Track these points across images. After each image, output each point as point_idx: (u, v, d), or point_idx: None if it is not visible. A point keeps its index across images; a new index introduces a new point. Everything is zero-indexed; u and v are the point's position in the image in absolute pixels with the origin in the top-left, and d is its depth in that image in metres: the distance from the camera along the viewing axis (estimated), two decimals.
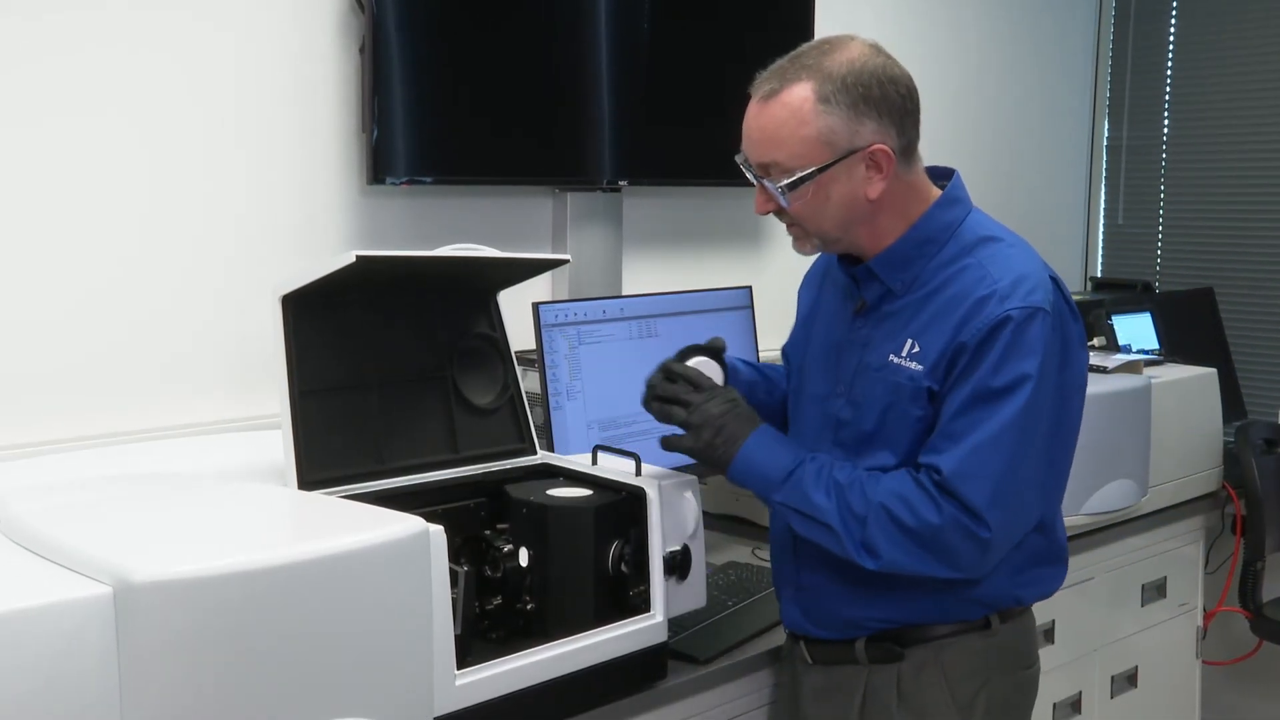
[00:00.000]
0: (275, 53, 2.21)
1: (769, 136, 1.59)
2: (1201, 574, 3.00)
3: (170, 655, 1.20)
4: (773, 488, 1.63)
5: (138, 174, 2.07)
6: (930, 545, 1.57)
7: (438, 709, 1.41)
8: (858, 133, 1.58)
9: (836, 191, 1.60)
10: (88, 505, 1.46)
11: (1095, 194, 4.14)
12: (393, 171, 2.28)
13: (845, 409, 1.69)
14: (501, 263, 1.76)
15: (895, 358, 1.64)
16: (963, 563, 1.59)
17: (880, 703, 1.70)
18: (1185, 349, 3.23)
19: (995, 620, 1.71)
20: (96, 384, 2.05)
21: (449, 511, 1.65)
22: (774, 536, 1.82)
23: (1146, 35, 4.01)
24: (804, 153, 1.58)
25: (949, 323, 1.60)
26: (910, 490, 1.58)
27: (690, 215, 2.93)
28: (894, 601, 1.67)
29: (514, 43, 2.43)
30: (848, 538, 1.59)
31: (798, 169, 1.58)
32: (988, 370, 1.57)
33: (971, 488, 1.55)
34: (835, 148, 1.58)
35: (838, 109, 1.57)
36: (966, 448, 1.56)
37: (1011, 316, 1.57)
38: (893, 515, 1.57)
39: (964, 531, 1.56)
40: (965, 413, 1.57)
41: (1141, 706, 2.84)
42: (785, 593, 1.79)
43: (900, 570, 1.59)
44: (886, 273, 1.66)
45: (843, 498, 1.59)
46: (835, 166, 1.58)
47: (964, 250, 1.65)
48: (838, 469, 1.62)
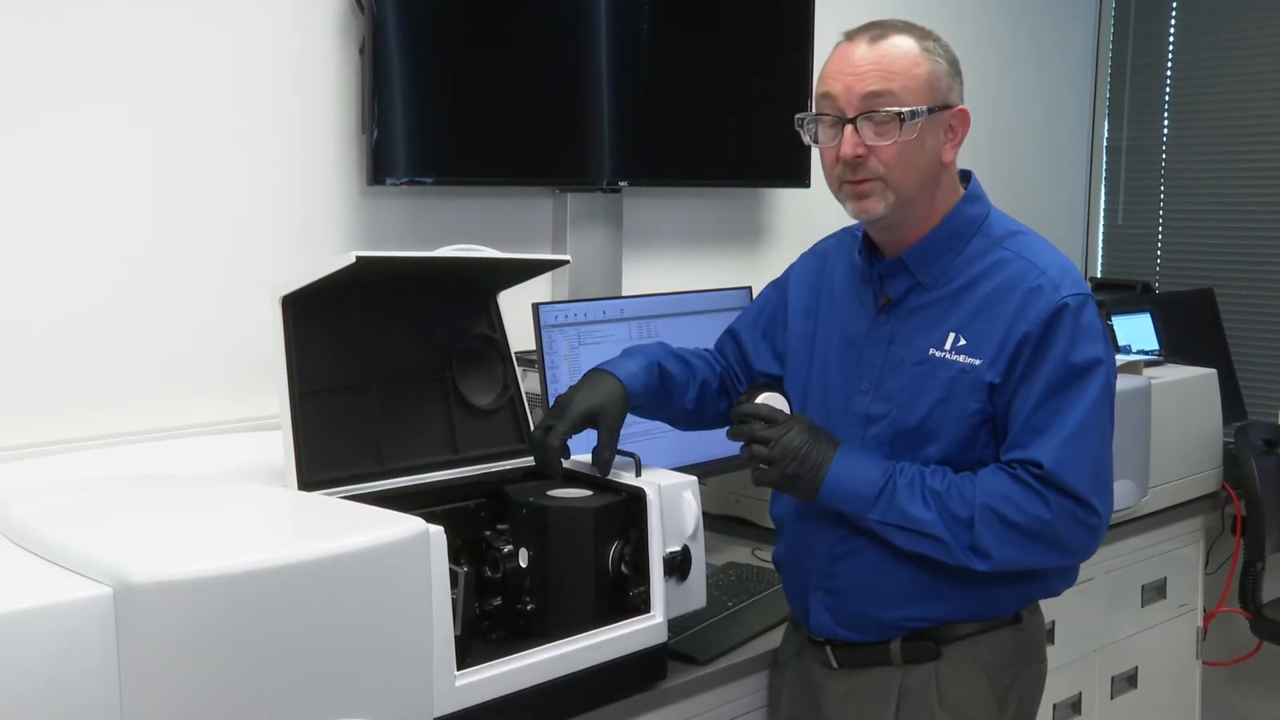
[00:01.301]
0: (275, 53, 2.21)
1: (884, 68, 1.60)
2: (1201, 574, 3.00)
3: (170, 656, 1.20)
4: (867, 507, 1.63)
5: (138, 175, 2.07)
6: (1042, 538, 1.60)
7: (437, 710, 1.41)
8: (953, 89, 1.65)
9: (929, 143, 1.63)
10: (88, 506, 1.46)
11: (1095, 194, 4.14)
12: (393, 172, 2.28)
13: (876, 404, 1.69)
14: (501, 263, 1.76)
15: (937, 351, 1.65)
16: (1076, 549, 1.64)
17: (919, 702, 1.70)
18: (1185, 350, 3.23)
19: (1025, 614, 1.73)
20: (96, 384, 2.05)
21: (449, 512, 1.65)
22: (796, 542, 1.79)
23: (1146, 35, 4.01)
24: (916, 89, 1.61)
25: (1001, 314, 1.63)
26: (1012, 488, 1.60)
27: (690, 216, 2.93)
28: (938, 600, 1.68)
29: (514, 43, 2.43)
30: (956, 544, 1.60)
31: (911, 104, 1.60)
32: (1059, 358, 1.60)
33: (1074, 476, 1.58)
34: (938, 96, 1.63)
35: (940, 61, 1.63)
36: (1060, 438, 1.59)
37: (1069, 304, 1.61)
38: (1000, 515, 1.59)
39: (1074, 520, 1.60)
40: (1045, 403, 1.60)
41: (1142, 707, 2.84)
42: (814, 599, 1.76)
43: (1013, 567, 1.63)
44: (918, 265, 1.68)
45: (943, 506, 1.60)
46: (936, 115, 1.62)
47: (993, 244, 1.68)
48: (930, 476, 1.63)
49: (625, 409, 1.72)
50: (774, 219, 3.09)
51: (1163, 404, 2.68)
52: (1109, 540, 2.62)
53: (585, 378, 1.75)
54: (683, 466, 1.86)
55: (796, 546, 1.79)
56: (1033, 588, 1.72)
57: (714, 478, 2.42)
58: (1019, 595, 1.71)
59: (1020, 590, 1.70)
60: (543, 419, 1.73)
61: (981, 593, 1.67)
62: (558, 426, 1.68)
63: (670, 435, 1.99)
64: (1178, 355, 3.09)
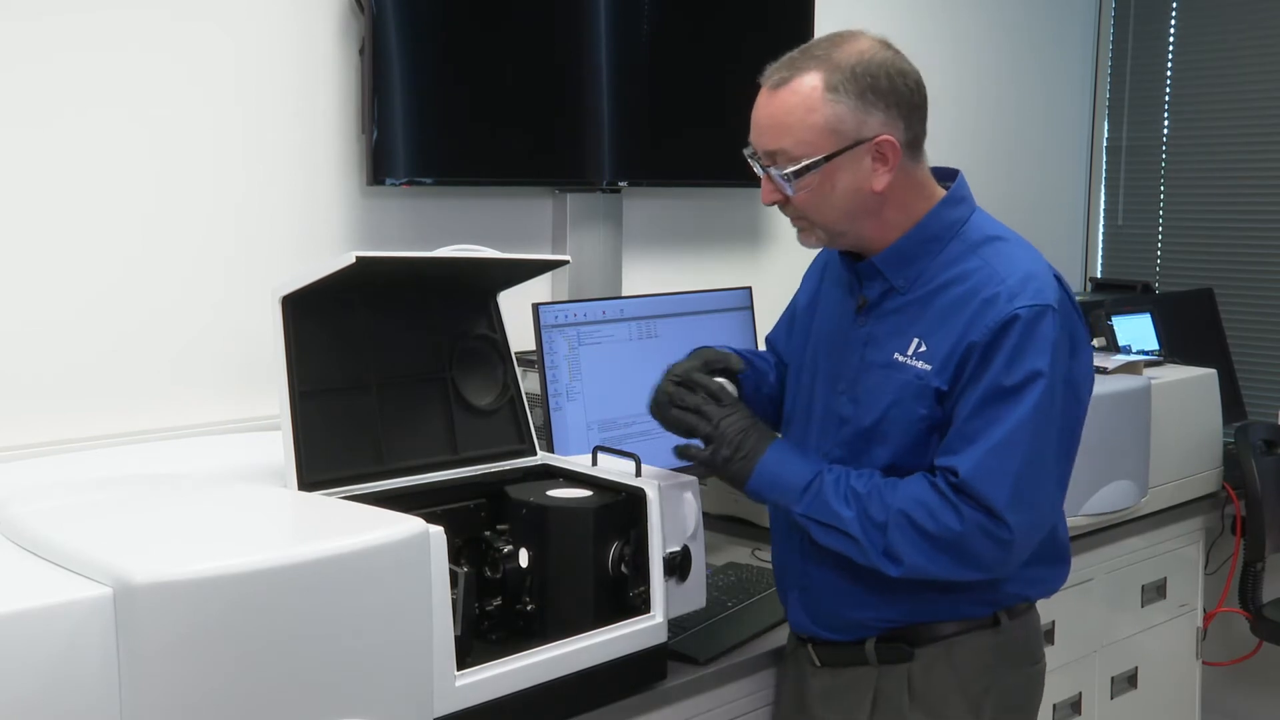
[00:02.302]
0: (275, 54, 2.21)
1: (777, 124, 1.59)
2: (1201, 575, 3.00)
3: (170, 656, 1.20)
4: (793, 500, 1.64)
5: (139, 176, 2.07)
6: (952, 550, 1.57)
7: (437, 710, 1.41)
8: (865, 123, 1.58)
9: (842, 182, 1.60)
10: (88, 506, 1.46)
11: (1095, 195, 4.14)
12: (393, 172, 2.28)
13: (847, 406, 1.69)
14: (501, 263, 1.76)
15: (901, 356, 1.64)
16: (986, 564, 1.60)
17: (892, 703, 1.70)
18: (1185, 350, 3.23)
19: (1004, 617, 1.71)
20: (97, 385, 2.05)
21: (449, 512, 1.65)
22: (777, 539, 1.81)
23: (1147, 35, 4.01)
24: (811, 140, 1.58)
25: (957, 322, 1.60)
26: (929, 495, 1.58)
27: (690, 216, 2.93)
28: (902, 602, 1.67)
29: (514, 44, 2.43)
30: (870, 546, 1.59)
31: (804, 157, 1.58)
32: (999, 369, 1.57)
33: (990, 489, 1.55)
34: (842, 137, 1.58)
35: (846, 98, 1.57)
36: (982, 449, 1.56)
37: (1020, 315, 1.57)
38: (913, 521, 1.57)
39: (985, 534, 1.56)
40: (979, 413, 1.57)
41: (1141, 707, 2.84)
42: (791, 596, 1.78)
43: (923, 575, 1.60)
44: (890, 269, 1.66)
45: (862, 507, 1.60)
46: (841, 156, 1.58)
47: (969, 249, 1.65)
48: (854, 478, 1.62)
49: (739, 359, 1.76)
50: (774, 219, 3.09)
51: (1163, 404, 2.68)
52: (1109, 540, 2.64)
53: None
54: (683, 467, 1.85)
55: (778, 545, 1.81)
56: (1006, 592, 1.70)
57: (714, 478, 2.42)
58: (991, 599, 1.69)
59: (991, 594, 1.69)
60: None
61: (950, 596, 1.66)
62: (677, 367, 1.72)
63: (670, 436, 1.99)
64: (1178, 355, 3.09)
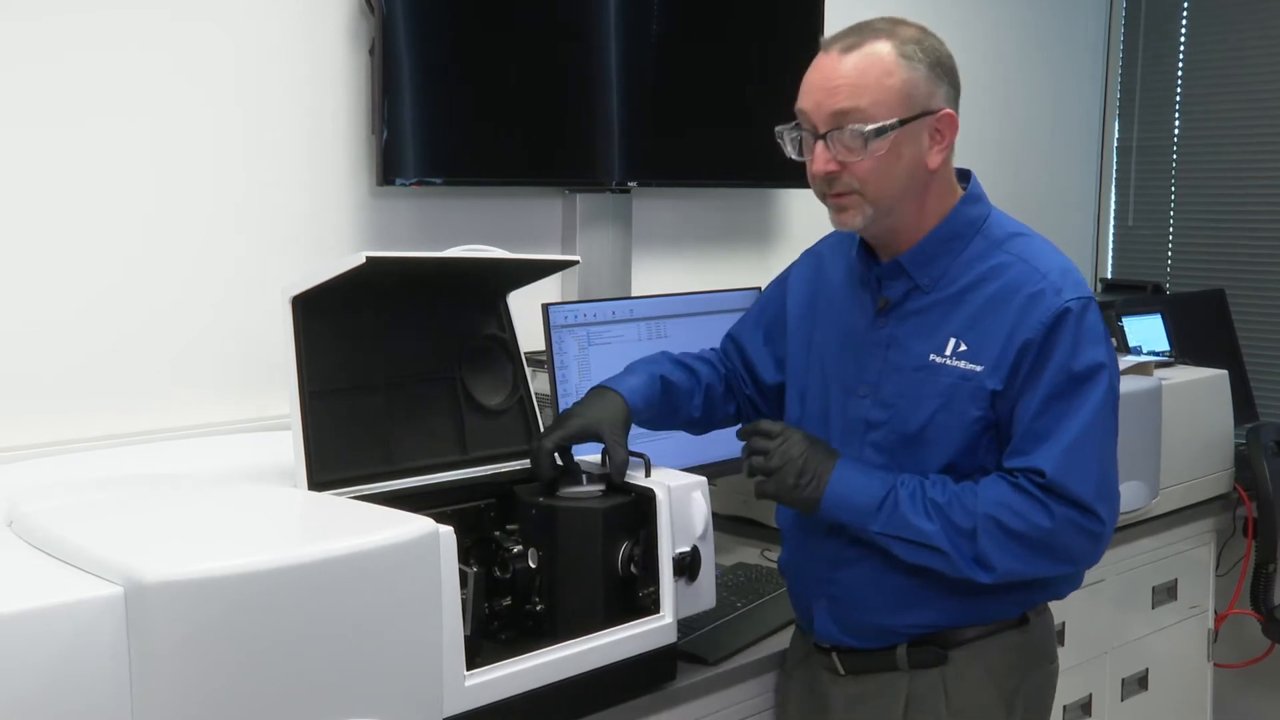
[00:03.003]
0: (285, 54, 2.21)
1: (852, 83, 1.57)
2: (1213, 576, 2.99)
3: (180, 655, 1.21)
4: (869, 519, 1.62)
5: (147, 176, 2.08)
6: (1044, 548, 1.59)
7: (447, 710, 1.41)
8: (934, 94, 1.59)
9: (906, 153, 1.59)
10: (98, 505, 1.47)
11: (1105, 195, 4.13)
12: (402, 173, 2.28)
13: (875, 410, 1.68)
14: (511, 264, 1.76)
15: (938, 357, 1.63)
16: (1078, 558, 1.63)
17: (926, 707, 1.69)
18: (1196, 351, 3.21)
19: (1031, 615, 1.72)
20: (106, 385, 2.05)
21: (458, 512, 1.65)
22: (796, 549, 1.79)
23: (1157, 35, 3.99)
24: (887, 102, 1.57)
25: (1001, 319, 1.60)
26: (1013, 497, 1.58)
27: (700, 216, 2.93)
28: (932, 607, 1.67)
29: (523, 44, 2.43)
30: (959, 556, 1.59)
31: (880, 118, 1.56)
32: (1061, 364, 1.58)
33: (1077, 484, 1.57)
34: (914, 104, 1.58)
35: (919, 66, 1.58)
36: (1062, 446, 1.57)
37: (1070, 308, 1.59)
38: (1002, 524, 1.57)
39: (1078, 528, 1.58)
40: (1048, 410, 1.58)
41: (1152, 709, 2.83)
42: (817, 606, 1.75)
43: (1016, 577, 1.61)
44: (916, 268, 1.66)
45: (945, 517, 1.59)
46: (913, 123, 1.58)
47: (993, 245, 1.65)
48: (931, 487, 1.61)
49: (627, 423, 1.71)
50: (783, 219, 3.09)
51: (1174, 405, 2.67)
52: (1119, 542, 2.63)
53: (587, 394, 1.75)
54: (692, 467, 1.85)
55: (800, 554, 1.79)
56: (1035, 593, 1.70)
57: (724, 478, 2.42)
58: (1022, 600, 1.70)
59: (1022, 595, 1.69)
60: (545, 428, 1.73)
61: (981, 598, 1.66)
62: (553, 434, 1.68)
63: (679, 436, 1.99)
64: (1189, 356, 3.08)
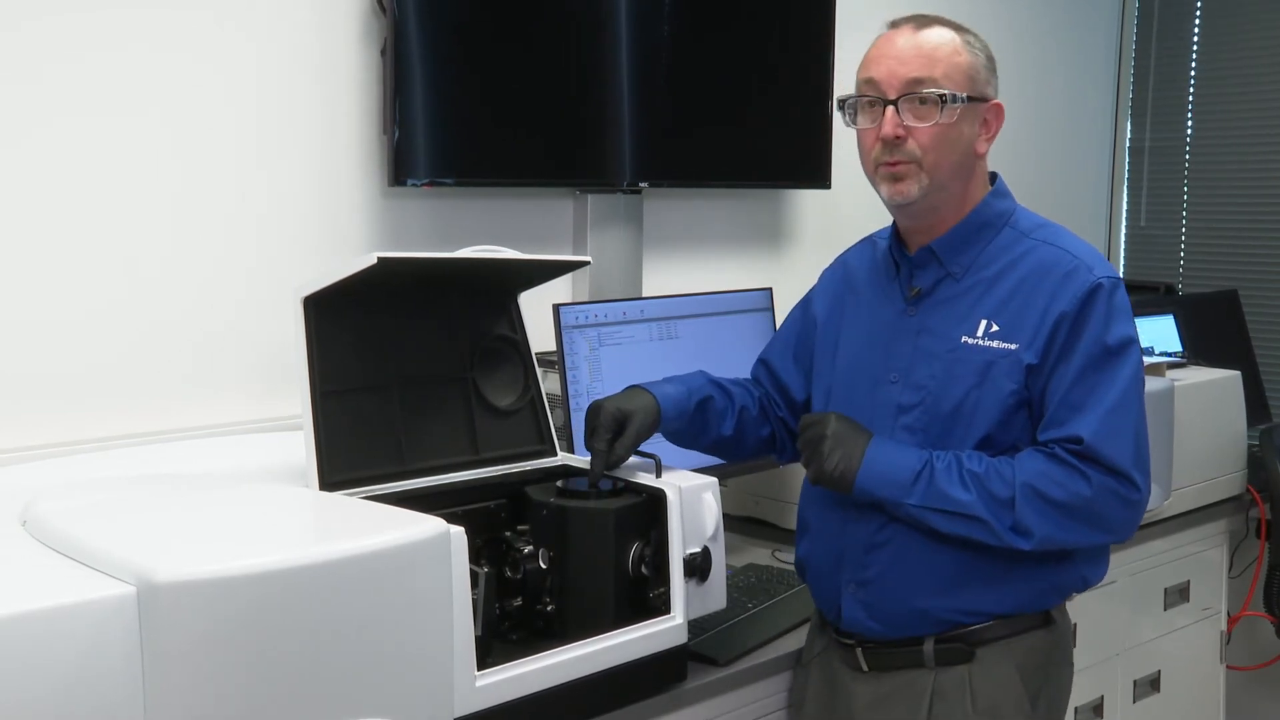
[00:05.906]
0: (297, 55, 2.22)
1: (926, 55, 1.66)
2: (1225, 578, 2.98)
3: (193, 655, 1.21)
4: (905, 492, 1.64)
5: (160, 176, 2.08)
6: (1082, 515, 1.61)
7: (458, 710, 1.41)
8: (990, 83, 1.71)
9: (966, 132, 1.68)
10: (112, 505, 1.47)
11: (1117, 196, 4.12)
12: (414, 173, 2.29)
13: (907, 394, 1.70)
14: (522, 264, 1.76)
15: (969, 339, 1.67)
16: (1115, 526, 1.64)
17: (952, 705, 1.69)
18: (1209, 352, 3.20)
19: (1055, 614, 1.74)
20: (119, 385, 2.06)
21: (469, 513, 1.65)
22: (824, 536, 1.78)
23: (1170, 36, 3.98)
24: (956, 78, 1.66)
25: (1036, 297, 1.65)
26: (1049, 466, 1.61)
27: (711, 217, 2.93)
28: (967, 589, 1.67)
29: (535, 44, 2.43)
30: (998, 524, 1.61)
31: (952, 89, 1.65)
32: (1095, 336, 1.62)
33: (1115, 451, 1.60)
34: (976, 86, 1.68)
35: (979, 55, 1.70)
36: (1099, 413, 1.60)
37: (1103, 284, 1.65)
38: (1040, 492, 1.60)
39: (1115, 496, 1.61)
40: (1082, 380, 1.62)
41: (1164, 711, 2.82)
42: (845, 593, 1.75)
43: (1055, 545, 1.63)
44: (948, 255, 1.71)
45: (983, 487, 1.61)
46: (974, 105, 1.67)
47: (1021, 236, 1.72)
48: (967, 459, 1.64)
49: (656, 423, 1.74)
50: (795, 220, 3.09)
51: (1186, 406, 2.66)
52: (1132, 543, 2.62)
53: (622, 391, 1.78)
54: (703, 468, 1.85)
55: (826, 542, 1.78)
56: (1065, 576, 1.71)
57: (734, 479, 2.42)
58: (1055, 586, 1.71)
59: (1053, 580, 1.70)
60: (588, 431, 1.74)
61: (1017, 583, 1.67)
62: (599, 433, 1.70)
63: None
64: (1201, 357, 3.07)
